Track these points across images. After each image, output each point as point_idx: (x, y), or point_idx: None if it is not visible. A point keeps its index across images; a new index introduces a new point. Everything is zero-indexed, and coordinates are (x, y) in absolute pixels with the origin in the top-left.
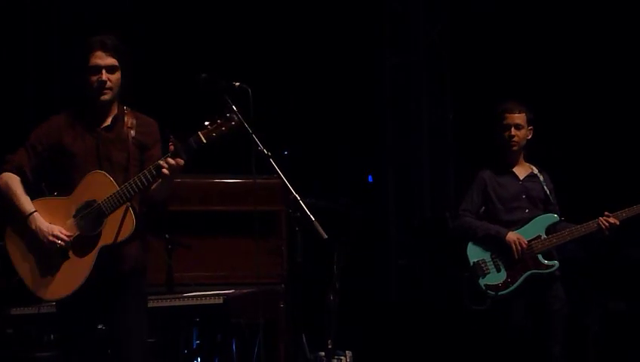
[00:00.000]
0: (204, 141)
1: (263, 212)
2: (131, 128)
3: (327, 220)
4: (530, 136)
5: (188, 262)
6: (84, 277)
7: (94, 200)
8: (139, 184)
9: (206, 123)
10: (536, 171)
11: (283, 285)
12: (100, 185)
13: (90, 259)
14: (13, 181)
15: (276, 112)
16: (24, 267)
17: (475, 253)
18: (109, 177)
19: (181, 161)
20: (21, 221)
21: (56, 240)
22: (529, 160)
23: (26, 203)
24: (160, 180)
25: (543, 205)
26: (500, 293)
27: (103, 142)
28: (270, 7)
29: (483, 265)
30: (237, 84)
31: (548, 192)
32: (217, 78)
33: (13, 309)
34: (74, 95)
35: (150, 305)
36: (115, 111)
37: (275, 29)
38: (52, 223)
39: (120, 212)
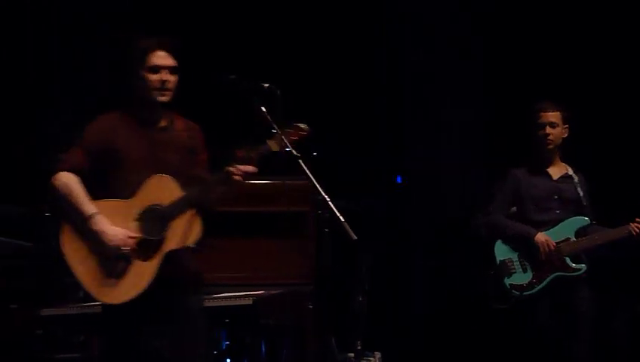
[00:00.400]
0: (276, 150)
1: (292, 213)
2: (182, 132)
3: (356, 221)
4: (566, 135)
5: (216, 263)
6: (147, 281)
7: (158, 204)
8: (205, 190)
9: (273, 130)
10: (571, 172)
11: (311, 286)
12: (164, 188)
13: (155, 263)
14: (72, 181)
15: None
16: (82, 269)
17: (502, 252)
18: (173, 181)
19: (253, 169)
20: (81, 222)
21: (122, 245)
22: (565, 160)
23: (88, 203)
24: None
25: (575, 207)
26: (524, 293)
27: (157, 144)
28: (302, 7)
29: (510, 264)
30: (266, 85)
31: (581, 194)
32: (245, 79)
33: (43, 310)
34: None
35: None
36: (167, 113)
37: (302, 29)
38: (113, 225)
39: (186, 216)
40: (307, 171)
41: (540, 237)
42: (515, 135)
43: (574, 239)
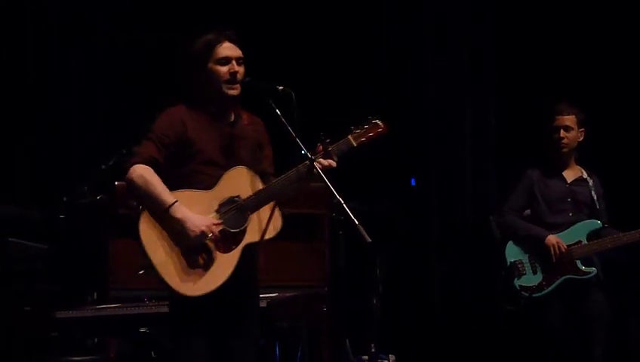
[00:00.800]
0: (354, 145)
1: (306, 215)
2: (249, 125)
3: (370, 224)
4: (581, 138)
5: None
6: (227, 274)
7: (238, 196)
8: (286, 183)
9: (352, 127)
10: (585, 175)
11: (326, 289)
12: (243, 181)
13: (235, 255)
14: (149, 172)
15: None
16: (161, 259)
17: (513, 253)
18: (253, 174)
19: (334, 163)
20: (161, 212)
21: (207, 231)
22: (580, 163)
23: (166, 193)
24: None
25: (588, 210)
26: (533, 295)
27: (229, 138)
28: (311, 11)
29: (520, 266)
30: (281, 87)
31: (595, 197)
32: (261, 82)
33: (58, 312)
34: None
35: None
36: (235, 107)
37: (317, 32)
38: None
39: (266, 210)
40: (322, 173)
41: (552, 239)
42: (529, 137)
43: (586, 242)
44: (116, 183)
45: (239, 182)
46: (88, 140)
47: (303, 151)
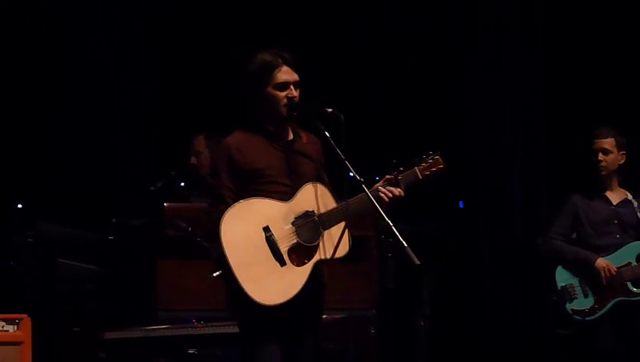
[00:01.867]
0: (420, 177)
1: (355, 237)
2: (308, 144)
3: (418, 246)
4: (622, 161)
5: None
6: (299, 286)
7: (313, 212)
8: (357, 206)
9: (416, 160)
10: (630, 197)
11: (373, 311)
12: (318, 196)
13: (307, 269)
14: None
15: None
16: (241, 263)
17: (563, 278)
18: (327, 191)
19: (402, 192)
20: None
21: None
22: (624, 185)
23: None
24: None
25: (635, 231)
26: (586, 319)
27: (290, 155)
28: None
29: (570, 290)
30: (329, 110)
31: None
32: (309, 104)
33: (108, 333)
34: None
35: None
36: (293, 126)
37: (365, 51)
38: (270, 225)
39: (337, 229)
40: (371, 196)
41: (601, 262)
42: (577, 159)
43: (635, 264)
44: (165, 205)
45: (314, 197)
46: (138, 162)
47: (351, 174)
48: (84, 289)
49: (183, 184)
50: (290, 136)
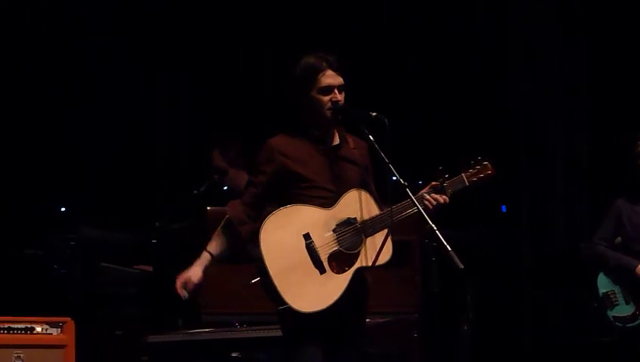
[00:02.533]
0: (467, 184)
1: (398, 241)
2: (354, 149)
3: (461, 250)
4: None
5: None
6: (338, 294)
7: (355, 218)
8: (402, 212)
9: (464, 167)
10: None
11: (417, 315)
12: (361, 203)
13: (346, 277)
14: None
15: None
16: (280, 271)
17: (605, 284)
18: (370, 198)
19: (447, 199)
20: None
21: None
22: None
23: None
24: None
25: None
26: (627, 325)
27: (337, 161)
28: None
29: (612, 297)
30: (374, 114)
31: None
32: (354, 108)
33: (150, 337)
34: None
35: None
36: (339, 130)
37: (405, 60)
38: (311, 232)
39: (380, 236)
40: (415, 200)
41: None
42: (620, 164)
43: None
44: (208, 208)
45: (357, 204)
46: (181, 165)
47: (394, 178)
48: (126, 292)
49: (226, 188)
50: (336, 141)
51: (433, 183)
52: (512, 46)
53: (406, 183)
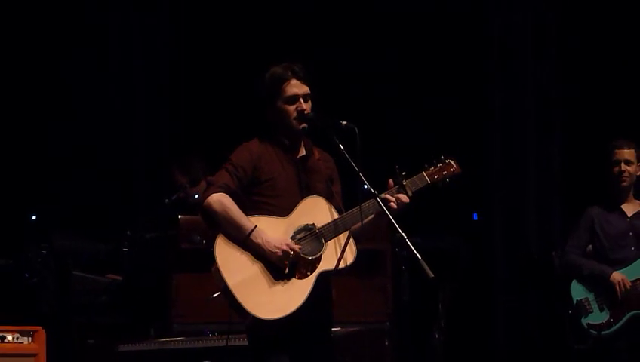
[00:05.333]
0: (429, 182)
1: (369, 250)
2: (320, 161)
3: (433, 258)
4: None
5: None
6: (302, 299)
7: (313, 224)
8: (362, 214)
9: (426, 165)
10: None
11: (388, 323)
12: (319, 209)
13: (309, 282)
14: (227, 199)
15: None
16: (237, 282)
17: (578, 292)
18: (328, 203)
19: (408, 199)
20: (242, 237)
21: (289, 250)
22: (639, 196)
23: (245, 219)
24: (373, 216)
25: None
26: (602, 333)
27: (304, 171)
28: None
29: (586, 304)
30: (344, 122)
31: None
32: (324, 117)
33: (122, 345)
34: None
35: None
36: (306, 142)
37: (381, 65)
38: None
39: (341, 240)
40: (385, 209)
41: (616, 276)
42: (593, 172)
43: None
44: (180, 217)
45: (315, 210)
46: (152, 174)
47: (365, 186)
48: (98, 301)
49: (197, 196)
50: (303, 152)
51: (390, 180)
52: (487, 56)
53: (376, 192)
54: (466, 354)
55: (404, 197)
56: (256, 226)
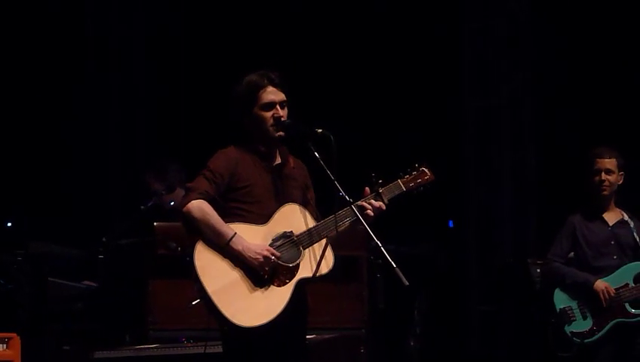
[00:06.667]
0: (404, 189)
1: (345, 257)
2: (295, 168)
3: (409, 266)
4: (621, 182)
5: None
6: (281, 307)
7: (291, 232)
8: (338, 222)
9: (401, 173)
10: (626, 217)
11: (364, 330)
12: (296, 217)
13: (288, 289)
14: (206, 206)
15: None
16: (216, 289)
17: (561, 300)
18: (305, 211)
19: (384, 206)
20: (221, 244)
21: (270, 257)
22: (620, 205)
23: (225, 226)
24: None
25: (632, 252)
26: (585, 341)
27: (280, 178)
28: (349, 51)
29: (570, 312)
30: (319, 130)
31: (638, 239)
32: (300, 124)
33: (97, 352)
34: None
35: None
36: (281, 149)
37: (357, 73)
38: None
39: (319, 247)
40: (360, 217)
41: (600, 284)
42: (569, 179)
43: (633, 285)
44: (155, 224)
45: (292, 218)
46: (128, 181)
47: (340, 194)
48: (74, 308)
49: (172, 203)
50: (279, 160)
51: (366, 188)
52: (462, 61)
53: (351, 200)
54: (441, 360)
55: (380, 205)
56: (236, 233)
